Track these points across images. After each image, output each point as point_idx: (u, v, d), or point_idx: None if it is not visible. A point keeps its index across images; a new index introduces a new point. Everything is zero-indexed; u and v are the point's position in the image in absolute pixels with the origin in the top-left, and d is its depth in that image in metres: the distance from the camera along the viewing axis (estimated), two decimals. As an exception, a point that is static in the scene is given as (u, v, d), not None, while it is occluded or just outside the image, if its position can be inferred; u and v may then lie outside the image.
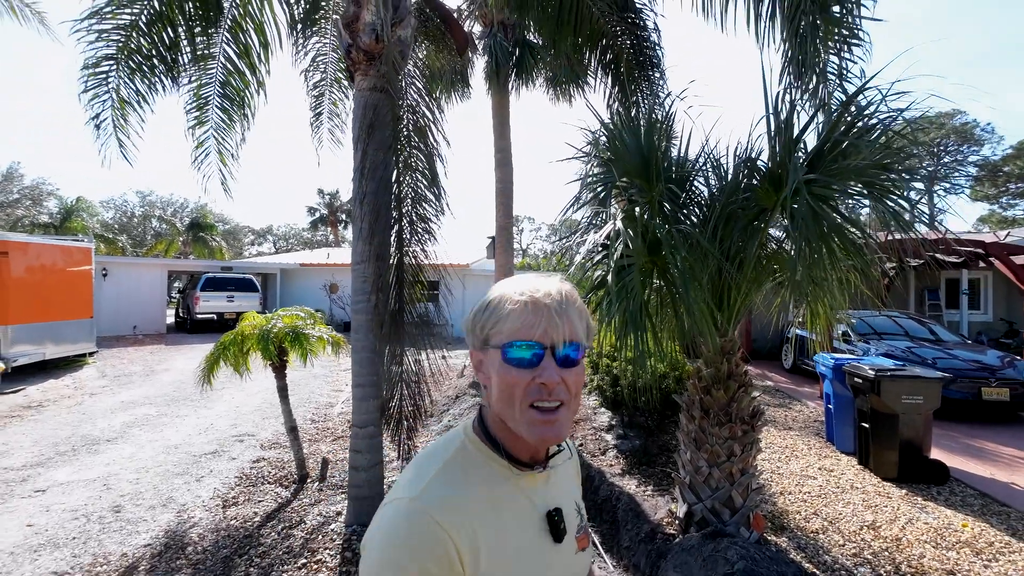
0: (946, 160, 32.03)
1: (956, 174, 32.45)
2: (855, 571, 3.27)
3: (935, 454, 4.97)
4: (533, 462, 0.81)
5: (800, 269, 3.06)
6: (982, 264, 9.55)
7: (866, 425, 4.84)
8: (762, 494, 4.42)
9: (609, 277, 2.79)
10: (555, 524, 0.80)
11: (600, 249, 3.06)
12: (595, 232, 3.09)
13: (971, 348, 7.79)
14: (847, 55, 3.44)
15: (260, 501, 4.16)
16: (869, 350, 7.62)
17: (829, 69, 3.45)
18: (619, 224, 2.86)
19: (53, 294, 10.07)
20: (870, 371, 4.69)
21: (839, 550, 3.51)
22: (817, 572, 3.25)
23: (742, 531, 3.38)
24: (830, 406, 5.64)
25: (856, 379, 4.91)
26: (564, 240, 3.31)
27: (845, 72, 3.50)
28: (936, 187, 33.01)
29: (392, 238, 3.69)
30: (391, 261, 3.65)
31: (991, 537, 3.58)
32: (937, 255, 8.85)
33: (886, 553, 3.44)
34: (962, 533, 3.64)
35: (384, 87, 3.47)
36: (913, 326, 8.75)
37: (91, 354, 11.12)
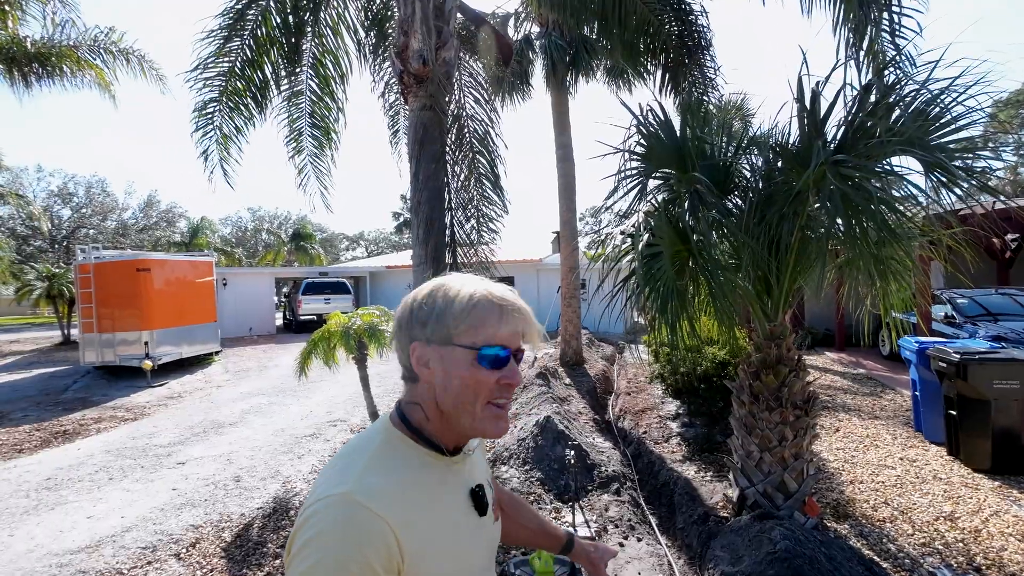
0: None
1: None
2: (921, 560, 3.15)
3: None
4: (454, 449, 0.86)
5: (836, 250, 3.01)
6: None
7: (953, 413, 4.49)
8: (824, 479, 4.30)
9: (635, 264, 2.95)
10: (480, 499, 0.86)
11: (628, 239, 3.21)
12: (624, 223, 3.24)
13: (1111, 327, 6.77)
14: (897, 7, 3.22)
15: (349, 476, 4.78)
16: (976, 332, 6.89)
17: (879, 22, 3.24)
18: (642, 216, 3.00)
19: (185, 302, 11.81)
20: (955, 355, 4.35)
21: (906, 539, 3.38)
22: (876, 558, 3.17)
23: (796, 516, 3.38)
24: (916, 393, 5.26)
25: (941, 363, 4.57)
26: (596, 232, 3.48)
27: (897, 29, 3.29)
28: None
29: (446, 241, 4.08)
30: (446, 261, 4.03)
31: (1094, 533, 3.26)
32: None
33: (960, 544, 3.27)
34: (1058, 527, 3.34)
35: (432, 106, 3.84)
36: (1038, 304, 7.73)
37: (216, 353, 12.86)
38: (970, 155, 2.79)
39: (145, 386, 9.56)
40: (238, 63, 4.95)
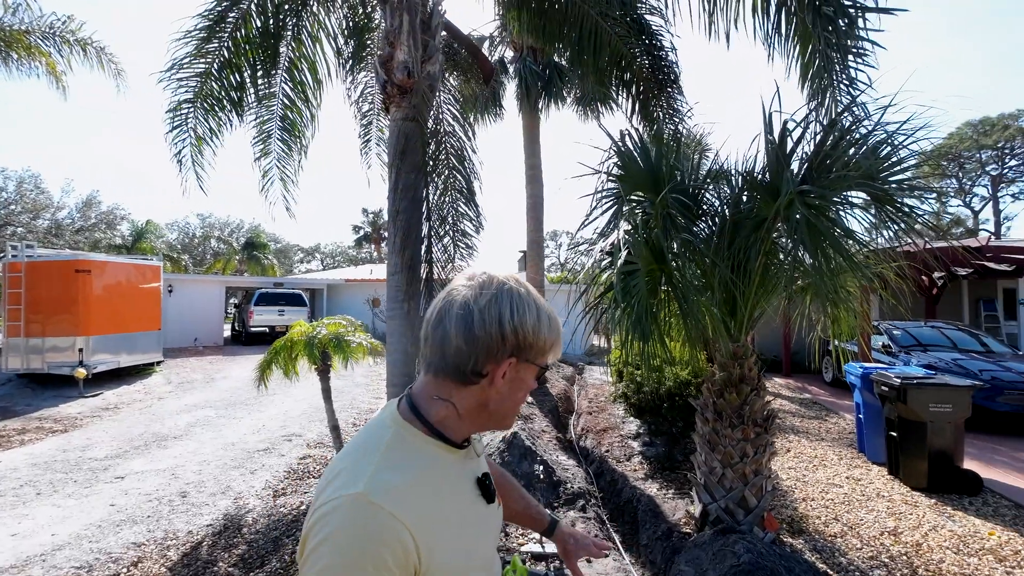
0: (1012, 163, 30.03)
1: (1024, 178, 30.32)
2: (870, 573, 3.31)
3: (975, 466, 4.86)
4: (462, 442, 0.88)
5: (797, 276, 3.22)
6: (1036, 272, 9.07)
7: (894, 434, 4.80)
8: (778, 496, 4.47)
9: (614, 279, 3.04)
10: (486, 487, 0.89)
11: (606, 256, 3.31)
12: (603, 241, 3.34)
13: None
14: (853, 64, 3.57)
15: (306, 492, 4.57)
16: (910, 361, 7.41)
17: (837, 77, 3.58)
18: (622, 234, 3.11)
19: (127, 308, 11.09)
20: (896, 379, 4.67)
21: (856, 553, 3.55)
22: (829, 571, 3.32)
23: (756, 531, 3.49)
24: (860, 416, 5.59)
25: (883, 387, 4.89)
26: (575, 248, 3.57)
27: (854, 80, 3.62)
28: (1001, 192, 31.07)
29: (422, 252, 4.07)
30: (421, 272, 4.01)
31: (1018, 545, 3.53)
32: (985, 263, 8.49)
33: (904, 557, 3.46)
34: (987, 541, 3.60)
35: (415, 117, 3.87)
36: (962, 337, 8.41)
37: (158, 363, 12.10)
38: (915, 193, 3.06)
39: (76, 396, 8.88)
40: (215, 65, 4.82)
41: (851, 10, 3.38)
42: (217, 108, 4.98)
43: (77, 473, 5.06)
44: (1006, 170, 29.98)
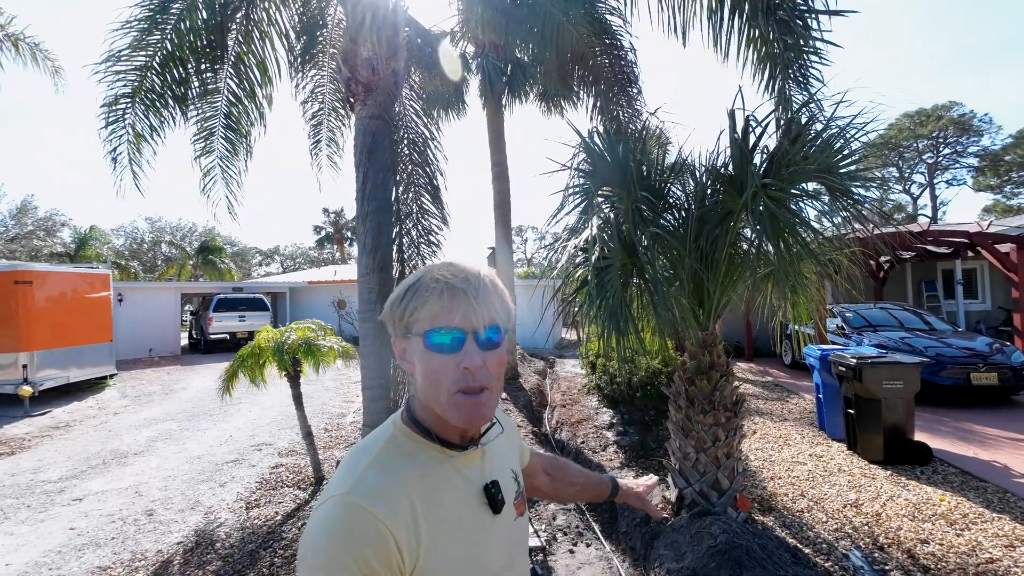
0: (945, 152, 32.00)
1: (957, 165, 32.37)
2: (836, 544, 3.50)
3: (924, 437, 5.18)
4: (466, 442, 0.84)
5: (760, 266, 3.35)
6: (971, 254, 9.72)
7: (852, 411, 5.06)
8: (748, 477, 4.65)
9: (589, 276, 3.08)
10: (492, 496, 0.83)
11: (580, 252, 3.35)
12: (576, 238, 3.39)
13: (963, 336, 7.97)
14: (807, 66, 3.74)
15: (280, 502, 4.45)
16: (862, 341, 7.82)
17: (793, 76, 3.75)
18: (595, 230, 3.15)
19: (75, 320, 10.48)
20: (852, 359, 4.92)
21: (822, 526, 3.74)
22: (799, 545, 3.48)
23: (729, 511, 3.63)
24: (820, 395, 5.86)
25: (840, 367, 5.14)
26: (549, 245, 3.60)
27: (808, 80, 3.80)
28: (937, 179, 33.06)
29: (394, 252, 4.01)
30: (394, 272, 3.96)
31: (966, 510, 3.79)
32: (927, 247, 9.04)
33: (866, 527, 3.67)
34: (939, 507, 3.86)
35: (381, 115, 3.81)
36: (908, 317, 8.93)
37: (111, 376, 11.50)
38: (865, 183, 3.23)
39: (22, 415, 8.35)
40: (157, 58, 4.58)
41: (805, 14, 3.53)
42: (159, 104, 4.74)
43: (30, 497, 4.77)
44: (940, 158, 31.92)
